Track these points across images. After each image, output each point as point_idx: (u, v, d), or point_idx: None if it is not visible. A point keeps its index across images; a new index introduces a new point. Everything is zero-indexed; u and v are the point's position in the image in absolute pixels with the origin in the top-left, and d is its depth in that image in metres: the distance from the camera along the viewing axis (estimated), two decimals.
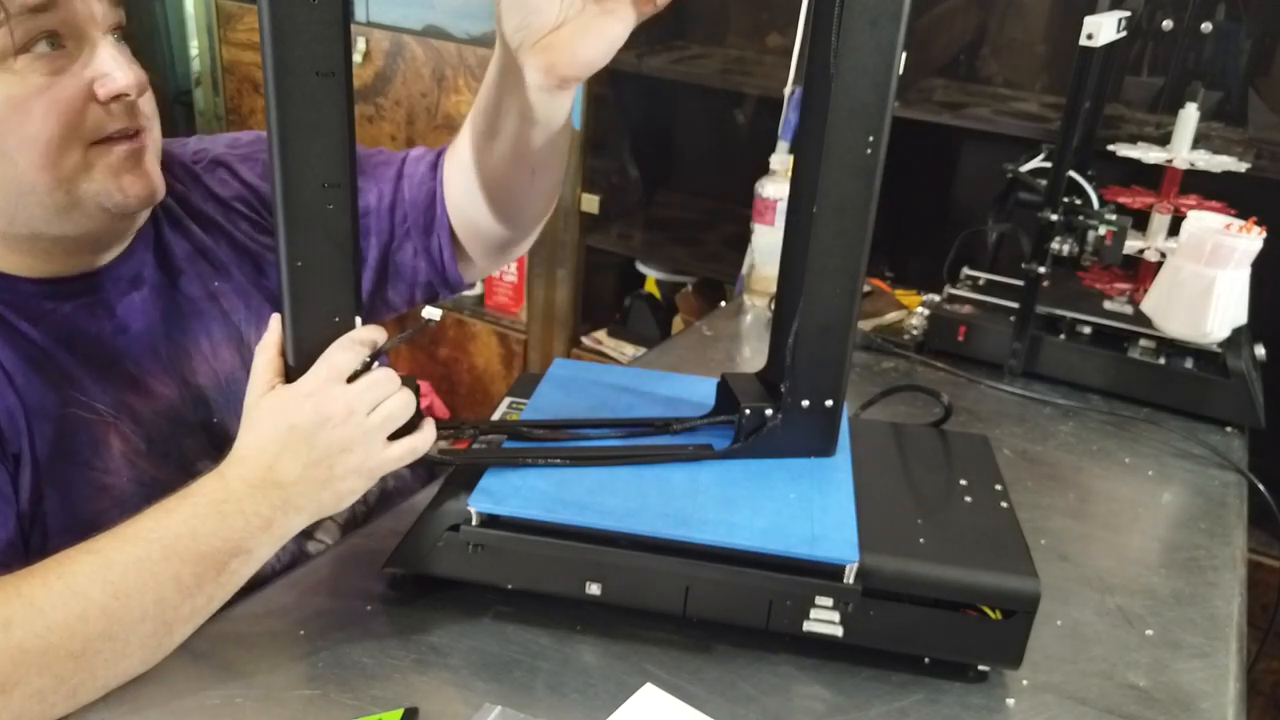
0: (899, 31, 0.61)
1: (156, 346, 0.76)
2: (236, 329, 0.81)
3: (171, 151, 0.82)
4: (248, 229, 0.84)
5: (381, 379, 0.65)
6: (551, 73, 0.67)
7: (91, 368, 0.72)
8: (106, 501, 0.70)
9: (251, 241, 0.84)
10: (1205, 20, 1.45)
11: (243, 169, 0.85)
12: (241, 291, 0.82)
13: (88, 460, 0.70)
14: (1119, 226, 1.09)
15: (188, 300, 0.79)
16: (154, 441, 0.74)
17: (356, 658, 0.64)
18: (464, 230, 0.85)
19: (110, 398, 0.72)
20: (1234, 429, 1.09)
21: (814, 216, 0.65)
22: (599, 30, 0.66)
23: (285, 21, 0.58)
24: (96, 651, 0.57)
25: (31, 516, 0.68)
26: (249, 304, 0.82)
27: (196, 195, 0.82)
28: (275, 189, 0.61)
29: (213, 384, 0.79)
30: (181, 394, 0.77)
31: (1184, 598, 0.79)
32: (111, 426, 0.72)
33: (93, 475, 0.70)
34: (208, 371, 0.79)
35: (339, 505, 0.65)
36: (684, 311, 2.04)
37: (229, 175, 0.85)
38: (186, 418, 0.76)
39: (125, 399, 0.73)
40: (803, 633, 0.65)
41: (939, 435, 0.82)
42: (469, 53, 1.93)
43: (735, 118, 2.04)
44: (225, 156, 0.85)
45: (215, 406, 0.78)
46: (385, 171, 0.86)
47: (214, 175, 0.84)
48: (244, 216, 0.84)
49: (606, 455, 0.72)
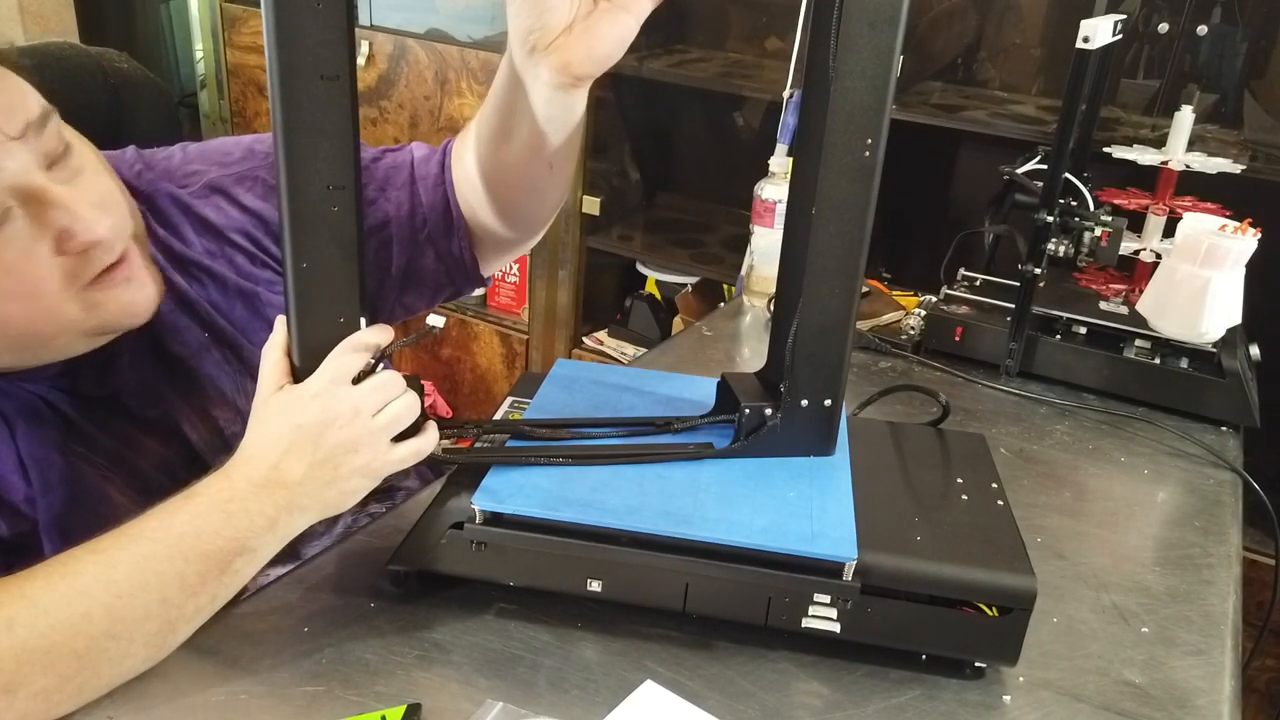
0: (897, 35, 0.62)
1: (146, 407, 0.75)
2: (233, 379, 0.79)
3: (157, 186, 0.78)
4: (244, 263, 0.81)
5: (388, 381, 0.65)
6: (567, 71, 0.67)
7: (89, 421, 0.71)
8: None
9: (246, 280, 0.80)
10: (1201, 23, 1.46)
11: (241, 193, 0.81)
12: (231, 343, 0.79)
13: (94, 507, 0.70)
14: (1114, 228, 1.10)
15: (176, 360, 0.76)
16: (151, 495, 0.72)
17: (360, 654, 0.65)
18: (473, 232, 0.85)
19: (107, 451, 0.72)
20: (1229, 428, 1.09)
21: (813, 218, 0.66)
22: (611, 25, 0.66)
23: (290, 25, 0.58)
24: (100, 650, 0.58)
25: (12, 548, 0.67)
26: (240, 354, 0.79)
27: (189, 230, 0.79)
28: (281, 192, 0.62)
29: (206, 440, 0.77)
30: (176, 451, 0.76)
31: (1179, 595, 0.80)
32: (109, 480, 0.72)
33: (98, 520, 0.69)
34: (201, 428, 0.77)
35: (343, 505, 0.66)
36: (684, 312, 2.05)
37: (227, 202, 0.81)
38: (180, 474, 0.75)
39: (122, 454, 0.73)
40: (801, 629, 0.66)
41: (936, 434, 0.83)
42: (471, 56, 1.94)
43: (735, 121, 2.05)
44: (221, 181, 0.81)
45: (213, 457, 0.77)
46: (397, 177, 0.84)
47: (208, 202, 0.80)
48: (241, 250, 0.81)
49: (608, 454, 0.72)
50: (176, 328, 0.77)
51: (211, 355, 0.78)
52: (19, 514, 0.68)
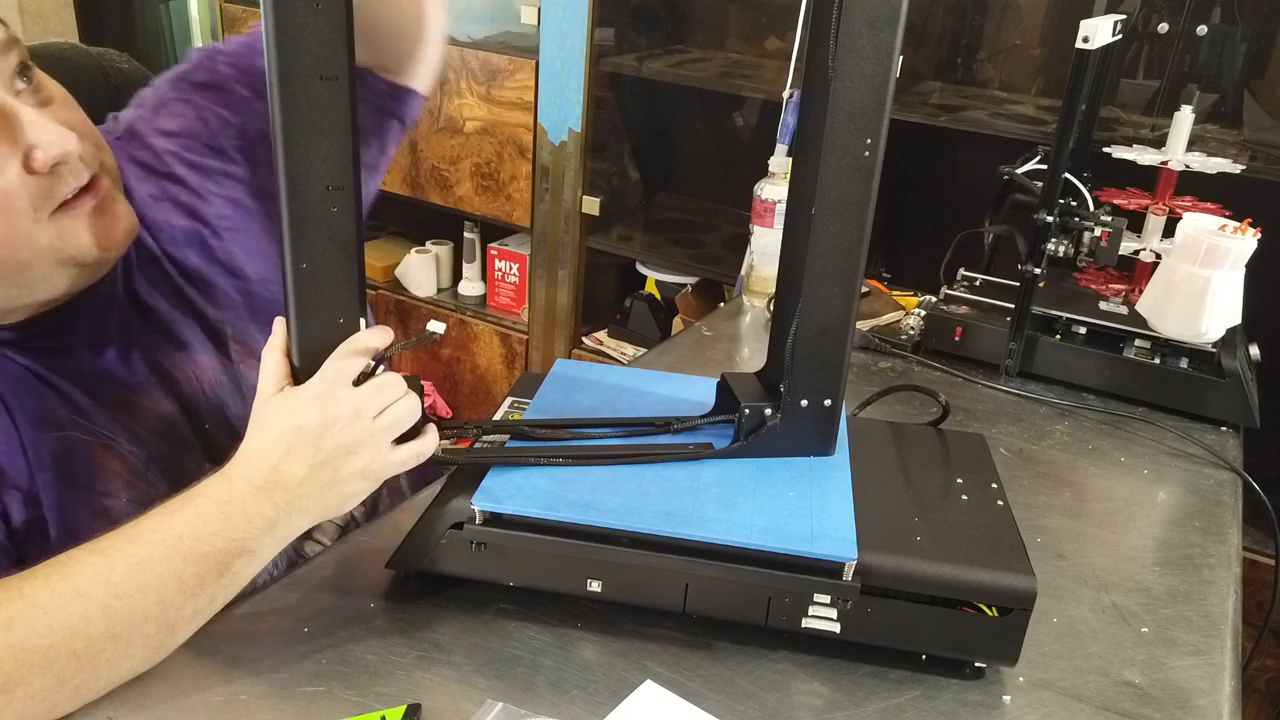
0: (896, 35, 0.62)
1: (137, 364, 0.75)
2: (212, 325, 0.79)
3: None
4: (188, 199, 0.80)
5: (388, 383, 0.65)
6: None
7: (83, 388, 0.72)
8: (106, 525, 0.69)
9: (193, 219, 0.80)
10: (1201, 23, 1.46)
11: (163, 121, 0.82)
12: (203, 280, 0.79)
13: (88, 484, 0.70)
14: (1114, 228, 1.10)
15: (154, 311, 0.77)
16: (153, 459, 0.74)
17: (360, 654, 0.65)
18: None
19: (106, 417, 0.72)
20: (1229, 428, 1.09)
21: (812, 218, 0.66)
22: None
23: (289, 25, 0.58)
24: (99, 651, 0.58)
25: (25, 536, 0.68)
26: (214, 295, 0.79)
27: (131, 178, 0.79)
28: (280, 192, 0.62)
29: (197, 392, 0.78)
30: (172, 407, 0.76)
31: (1179, 595, 0.80)
32: (109, 447, 0.72)
33: (93, 499, 0.70)
34: (190, 380, 0.78)
35: (343, 507, 0.66)
36: (684, 312, 2.05)
37: (154, 136, 0.81)
38: (181, 431, 0.76)
39: (120, 418, 0.73)
40: (801, 629, 0.66)
41: (936, 434, 0.83)
42: (471, 56, 1.94)
43: (734, 121, 2.05)
44: (137, 124, 0.82)
45: (204, 414, 0.78)
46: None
47: (137, 145, 0.81)
48: (179, 182, 0.80)
49: (608, 454, 0.72)
50: (153, 279, 0.77)
51: (191, 306, 0.79)
52: (28, 498, 0.68)
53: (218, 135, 0.83)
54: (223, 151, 0.83)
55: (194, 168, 0.82)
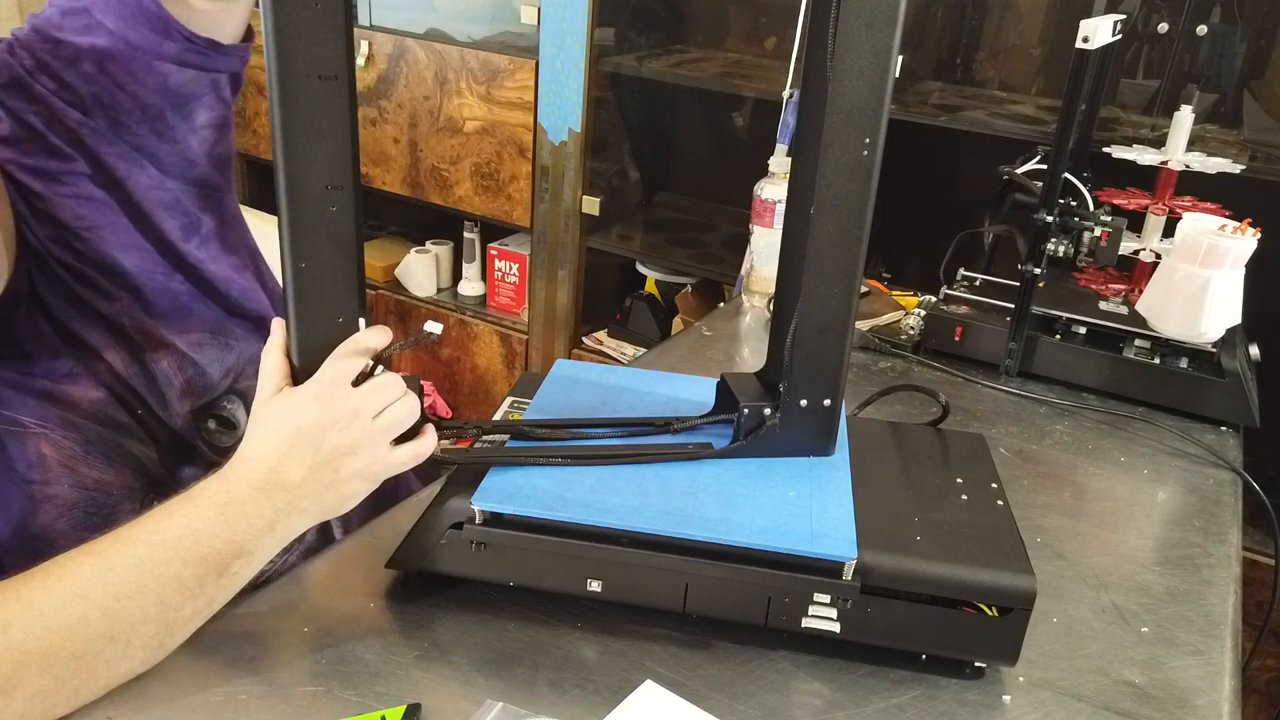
0: (895, 34, 0.62)
1: (60, 355, 0.74)
2: (109, 320, 0.76)
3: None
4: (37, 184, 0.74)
5: (388, 383, 0.65)
6: None
7: (6, 383, 0.71)
8: (52, 512, 0.69)
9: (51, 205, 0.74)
10: (1200, 23, 1.46)
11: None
12: (85, 280, 0.75)
13: (23, 474, 0.70)
14: (1114, 228, 1.10)
15: (55, 309, 0.75)
16: (92, 444, 0.73)
17: (360, 654, 0.65)
18: None
19: (33, 409, 0.72)
20: (1229, 428, 1.09)
21: (812, 218, 0.66)
22: None
23: (288, 25, 0.58)
24: (98, 653, 0.58)
25: None
26: (102, 291, 0.75)
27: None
28: (279, 191, 0.62)
29: (120, 380, 0.76)
30: (100, 394, 0.76)
31: (1179, 595, 0.80)
32: (41, 437, 0.71)
33: (31, 489, 0.70)
34: (110, 369, 0.76)
35: (342, 508, 0.65)
36: (684, 312, 2.05)
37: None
38: (117, 416, 0.75)
39: (50, 408, 0.73)
40: (801, 629, 0.66)
41: (936, 434, 0.83)
42: (470, 56, 1.94)
43: (734, 120, 2.05)
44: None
45: (132, 400, 0.77)
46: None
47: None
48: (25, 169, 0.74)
49: (607, 454, 0.72)
50: (45, 281, 0.74)
51: (91, 287, 0.76)
52: None
53: (45, 135, 0.75)
54: (57, 151, 0.76)
55: (37, 174, 0.75)
